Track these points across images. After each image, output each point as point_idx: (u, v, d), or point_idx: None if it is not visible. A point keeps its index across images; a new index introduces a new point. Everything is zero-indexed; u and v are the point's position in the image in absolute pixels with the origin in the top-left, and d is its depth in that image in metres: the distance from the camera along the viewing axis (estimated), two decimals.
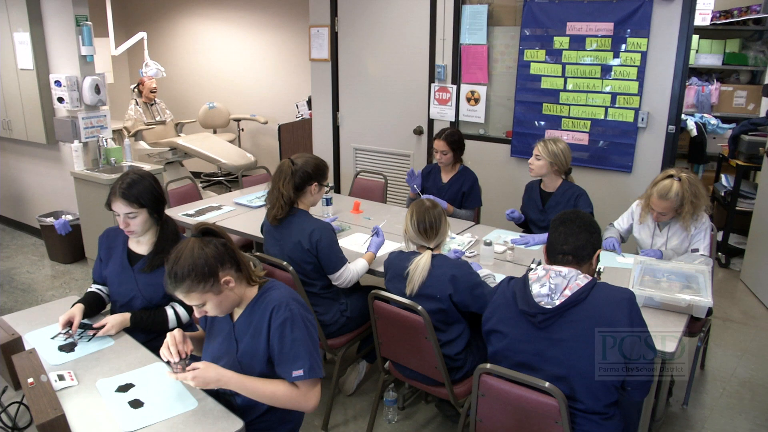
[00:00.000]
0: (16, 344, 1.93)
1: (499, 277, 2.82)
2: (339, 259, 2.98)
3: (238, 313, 2.04)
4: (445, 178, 4.11)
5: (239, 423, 1.86)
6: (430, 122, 5.07)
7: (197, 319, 2.70)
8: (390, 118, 5.31)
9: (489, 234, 3.56)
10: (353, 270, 3.04)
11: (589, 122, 4.33)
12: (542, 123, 4.52)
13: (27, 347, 1.94)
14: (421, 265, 2.59)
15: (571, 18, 4.23)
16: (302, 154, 3.12)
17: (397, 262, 2.75)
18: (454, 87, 4.86)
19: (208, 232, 1.97)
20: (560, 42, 4.30)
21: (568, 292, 1.99)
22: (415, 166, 5.17)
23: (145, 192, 2.44)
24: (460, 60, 4.81)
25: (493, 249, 3.20)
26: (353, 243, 3.46)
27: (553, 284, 2.02)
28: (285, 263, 2.90)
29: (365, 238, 3.48)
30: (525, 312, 2.06)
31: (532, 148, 3.57)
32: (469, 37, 4.74)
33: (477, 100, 4.82)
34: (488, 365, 2.11)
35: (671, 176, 3.05)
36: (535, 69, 4.46)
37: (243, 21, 7.65)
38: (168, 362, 1.93)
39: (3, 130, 5.91)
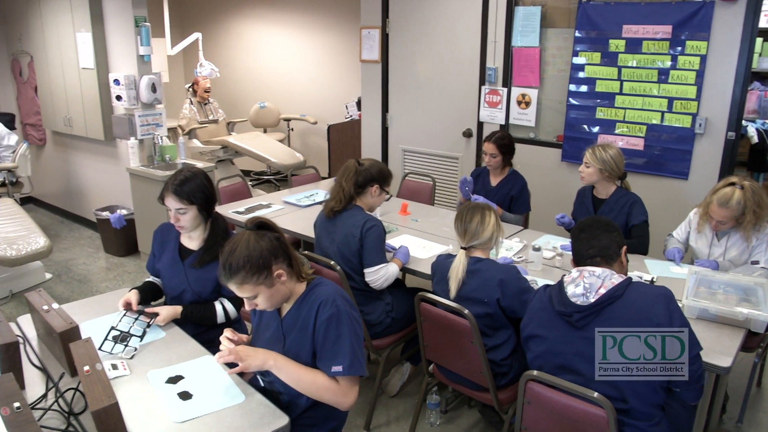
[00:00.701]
0: (73, 333, 2.00)
1: (543, 283, 2.77)
2: (381, 256, 3.01)
3: (286, 309, 2.07)
4: (494, 181, 4.07)
5: (285, 419, 1.87)
6: (480, 125, 5.03)
7: (246, 316, 2.76)
8: (439, 121, 5.29)
9: (538, 239, 3.51)
10: (391, 272, 3.05)
11: (644, 127, 4.22)
12: (595, 127, 4.43)
13: (83, 336, 2.01)
14: (456, 265, 2.60)
15: (628, 20, 4.14)
16: (369, 158, 3.22)
17: (443, 265, 2.75)
18: (505, 90, 4.82)
19: (262, 225, 2.00)
20: (616, 45, 4.21)
21: (603, 291, 1.99)
22: (463, 169, 5.15)
23: (197, 190, 2.50)
24: (512, 62, 4.76)
25: (542, 254, 3.16)
26: (399, 244, 3.45)
27: (588, 283, 2.03)
28: (333, 262, 2.93)
29: (413, 241, 3.49)
30: (562, 312, 2.06)
31: (583, 153, 3.50)
32: (521, 40, 4.68)
33: (528, 104, 4.76)
34: (535, 372, 2.09)
35: (733, 184, 2.94)
36: (589, 72, 4.38)
37: (295, 22, 7.75)
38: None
39: (64, 126, 6.13)
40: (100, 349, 2.21)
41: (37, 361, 2.20)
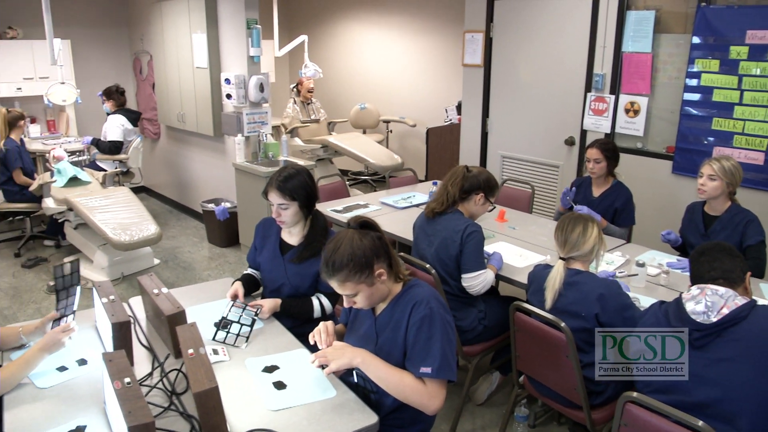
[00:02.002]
0: (180, 316, 2.11)
1: (647, 301, 2.64)
2: (480, 262, 2.98)
3: (381, 308, 2.09)
4: (597, 192, 3.93)
5: (374, 417, 1.89)
6: (583, 133, 4.87)
7: (339, 312, 2.80)
8: (540, 127, 5.17)
9: (642, 255, 3.35)
10: (489, 278, 3.01)
11: (766, 140, 3.94)
12: (711, 139, 4.18)
13: (188, 320, 2.11)
14: (554, 276, 2.54)
15: (752, 25, 3.87)
16: (478, 167, 3.24)
17: (540, 275, 2.68)
18: (612, 97, 4.63)
19: (365, 224, 2.03)
20: (737, 52, 3.95)
21: (725, 311, 1.89)
22: (563, 178, 5.00)
23: (299, 187, 2.57)
24: (621, 69, 4.57)
25: (646, 271, 3.01)
26: (494, 250, 3.40)
27: (710, 302, 1.92)
28: (428, 266, 2.93)
29: (509, 249, 3.43)
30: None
31: (697, 165, 3.30)
32: (632, 45, 4.49)
33: (636, 112, 4.55)
34: (635, 394, 1.99)
35: None
36: (706, 80, 4.13)
37: (399, 26, 7.82)
38: (314, 345, 2.02)
39: (177, 122, 6.49)
40: (213, 339, 2.32)
41: (145, 341, 2.34)
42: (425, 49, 7.60)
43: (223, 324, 2.39)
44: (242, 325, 2.40)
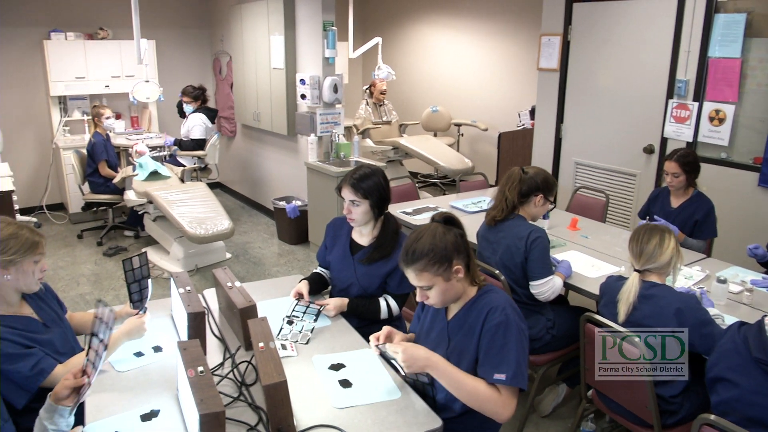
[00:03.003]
0: (252, 310, 2.16)
1: (729, 320, 2.51)
2: (548, 268, 2.93)
3: (453, 311, 2.07)
4: (675, 203, 3.78)
5: (438, 422, 1.88)
6: (663, 141, 4.69)
7: (407, 315, 2.81)
8: (618, 134, 5.01)
9: (724, 270, 3.19)
10: (557, 285, 2.95)
11: None
12: None
13: (259, 315, 2.16)
14: (628, 288, 2.46)
15: None
16: (534, 166, 3.14)
17: (613, 287, 2.60)
18: (696, 104, 4.44)
19: (449, 220, 2.04)
20: None
21: None
22: (640, 188, 4.83)
23: (373, 187, 2.59)
24: (706, 75, 4.37)
25: (728, 288, 2.86)
26: (564, 259, 3.32)
27: None
28: (497, 272, 2.89)
29: (581, 258, 3.34)
30: (760, 360, 1.84)
31: None
32: (720, 50, 4.29)
33: (722, 120, 4.35)
34: (712, 416, 1.89)
35: None
36: None
37: (473, 28, 7.76)
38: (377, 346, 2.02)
39: (253, 120, 6.67)
40: (277, 336, 2.37)
41: (217, 332, 2.41)
42: (499, 52, 7.52)
43: (288, 320, 2.43)
44: (306, 321, 2.44)
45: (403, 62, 8.58)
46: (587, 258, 3.37)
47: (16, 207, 4.87)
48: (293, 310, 2.54)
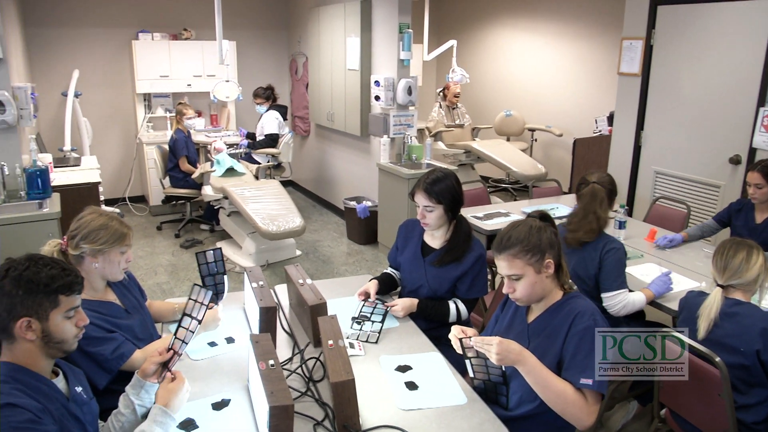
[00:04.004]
0: (322, 308, 2.20)
1: None
2: (621, 281, 2.85)
3: (535, 314, 2.05)
4: (760, 217, 3.57)
5: (504, 430, 1.85)
6: (752, 151, 4.45)
7: (475, 321, 2.78)
8: (701, 143, 4.79)
9: None
10: (632, 300, 2.84)
11: None
12: None
13: (329, 312, 2.19)
14: (710, 304, 2.35)
15: None
16: (595, 171, 3.09)
17: (694, 302, 2.49)
18: None
19: (545, 218, 2.04)
20: None
21: None
22: (724, 199, 4.60)
23: (446, 190, 2.57)
24: None
25: None
26: (642, 273, 3.20)
27: None
28: (570, 281, 2.82)
29: (656, 270, 3.21)
30: None
31: None
32: None
33: None
34: None
35: None
36: None
37: (550, 30, 7.61)
38: (460, 340, 2.00)
39: (327, 120, 6.77)
40: (346, 336, 2.39)
41: (287, 327, 2.46)
42: (577, 56, 7.34)
43: (357, 321, 2.46)
44: (373, 321, 2.46)
45: (477, 65, 8.51)
46: (665, 271, 3.24)
47: (102, 198, 5.12)
48: (360, 311, 2.56)
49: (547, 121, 7.67)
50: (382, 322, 2.47)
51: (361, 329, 2.44)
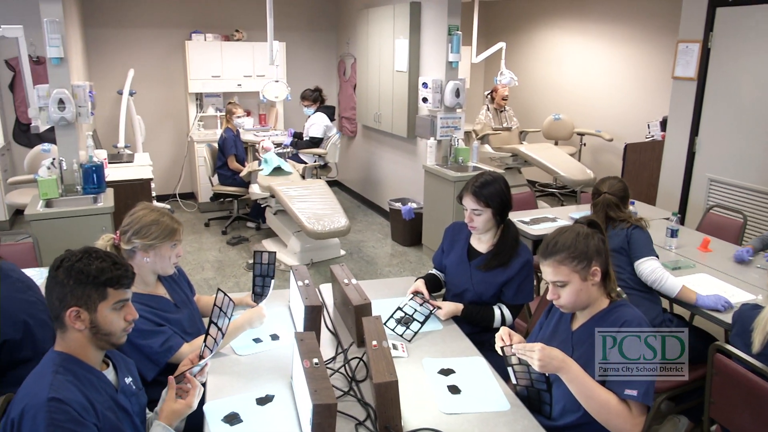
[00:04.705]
0: (366, 308, 2.20)
1: None
2: (649, 249, 2.94)
3: (580, 321, 2.02)
4: None
5: None
6: None
7: (519, 327, 2.75)
8: (760, 150, 4.62)
9: None
10: (667, 278, 2.85)
11: None
12: None
13: (373, 313, 2.19)
14: (765, 317, 2.26)
15: None
16: (607, 179, 3.18)
17: (748, 316, 2.40)
18: None
19: (593, 225, 2.01)
20: None
21: None
22: None
23: (495, 194, 2.55)
24: None
25: None
26: (694, 283, 3.09)
27: None
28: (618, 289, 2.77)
29: (712, 282, 3.11)
30: None
31: None
32: None
33: None
34: None
35: None
36: None
37: (602, 33, 7.46)
38: (502, 347, 1.99)
39: (374, 122, 6.79)
40: (384, 324, 2.40)
41: (331, 327, 2.47)
42: (630, 59, 7.17)
43: (397, 316, 2.45)
44: (415, 320, 2.45)
45: (526, 68, 8.41)
46: (718, 282, 3.13)
47: (153, 194, 5.25)
48: (406, 305, 2.55)
49: (597, 125, 7.53)
50: (422, 323, 2.46)
51: (398, 325, 2.43)
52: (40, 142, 6.06)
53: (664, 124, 6.03)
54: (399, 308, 2.51)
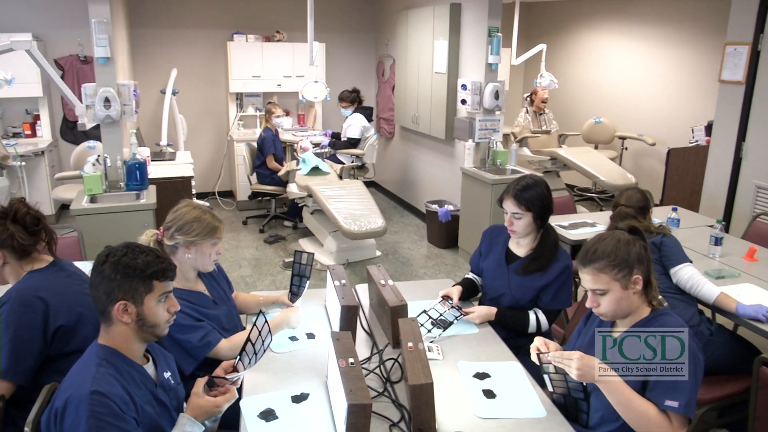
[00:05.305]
0: (402, 309, 2.20)
1: None
2: (682, 256, 2.84)
3: (620, 329, 1.97)
4: None
5: None
6: None
7: (556, 333, 2.71)
8: None
9: None
10: (704, 283, 2.75)
11: None
12: None
13: (409, 315, 2.19)
14: None
15: None
16: (626, 191, 3.12)
17: None
18: None
19: (635, 231, 1.98)
20: None
21: None
22: None
23: (536, 198, 2.52)
24: None
25: None
26: (739, 293, 3.00)
27: None
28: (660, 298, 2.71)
29: (758, 293, 3.01)
30: None
31: None
32: None
33: None
34: None
35: None
36: None
37: (645, 35, 7.31)
38: (538, 354, 1.97)
39: (412, 123, 6.79)
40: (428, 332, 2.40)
41: (366, 327, 2.48)
42: (674, 62, 7.01)
43: (427, 323, 2.44)
44: (438, 325, 2.43)
45: (566, 70, 8.29)
46: (765, 293, 3.04)
47: (194, 191, 5.34)
48: (432, 308, 2.54)
49: (639, 129, 7.38)
50: (444, 329, 2.43)
51: (430, 329, 2.42)
52: (86, 139, 6.24)
53: (709, 129, 5.88)
54: (424, 311, 2.50)
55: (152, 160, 5.44)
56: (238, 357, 1.91)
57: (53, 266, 2.20)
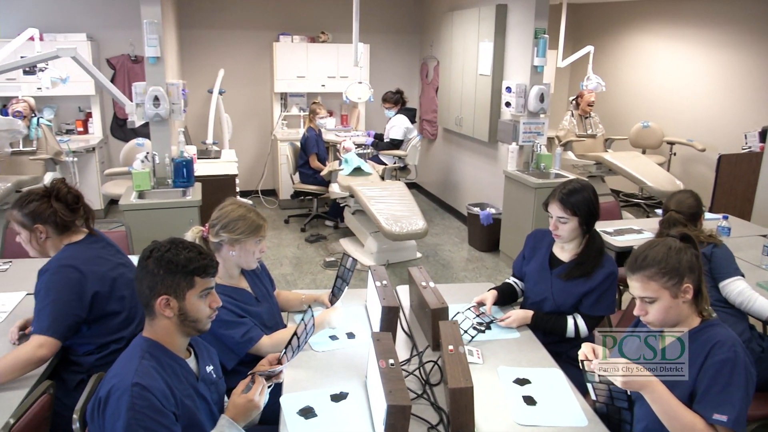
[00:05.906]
0: (443, 312, 2.19)
1: None
2: (734, 269, 2.73)
3: (668, 340, 1.92)
4: None
5: None
6: None
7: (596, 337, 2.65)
8: None
9: None
10: (756, 298, 2.65)
11: None
12: None
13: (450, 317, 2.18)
14: None
15: None
16: (676, 194, 2.98)
17: None
18: None
19: (686, 239, 1.93)
20: None
21: None
22: None
23: (582, 202, 2.48)
24: None
25: None
26: None
27: None
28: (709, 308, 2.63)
29: None
30: None
31: None
32: None
33: None
34: None
35: None
36: None
37: (696, 38, 7.11)
38: (582, 362, 1.92)
39: (455, 125, 6.76)
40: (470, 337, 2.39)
41: (406, 328, 2.47)
42: (726, 66, 6.79)
43: (486, 326, 2.43)
44: (466, 333, 2.40)
45: (613, 73, 8.13)
46: None
47: (237, 189, 5.43)
48: (460, 313, 2.52)
49: (688, 134, 7.18)
50: (472, 337, 2.40)
51: (463, 333, 2.40)
52: (135, 136, 6.40)
53: (763, 135, 5.69)
54: (473, 323, 2.48)
55: (198, 158, 5.55)
56: (284, 350, 1.93)
57: (88, 239, 2.38)
